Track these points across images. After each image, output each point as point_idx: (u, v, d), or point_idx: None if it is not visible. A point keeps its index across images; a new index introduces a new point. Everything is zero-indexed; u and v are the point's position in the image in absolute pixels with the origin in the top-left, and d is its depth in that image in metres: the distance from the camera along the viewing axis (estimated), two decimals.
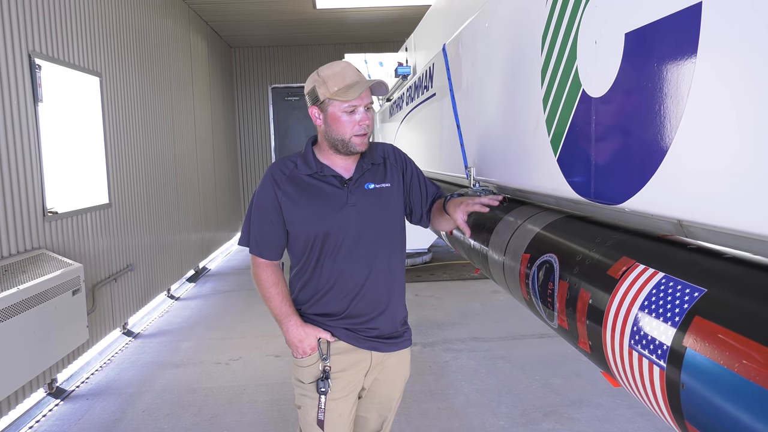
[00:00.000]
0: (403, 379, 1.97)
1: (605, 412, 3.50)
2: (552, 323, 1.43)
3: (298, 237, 1.80)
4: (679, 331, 0.87)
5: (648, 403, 1.00)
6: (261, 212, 1.81)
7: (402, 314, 1.91)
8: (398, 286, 1.88)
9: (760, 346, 0.73)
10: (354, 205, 1.76)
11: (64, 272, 3.64)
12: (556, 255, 1.41)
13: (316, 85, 1.73)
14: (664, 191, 0.99)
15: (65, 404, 3.85)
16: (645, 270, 1.04)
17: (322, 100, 1.71)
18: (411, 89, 4.05)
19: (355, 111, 1.70)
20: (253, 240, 1.84)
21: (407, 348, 1.94)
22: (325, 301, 1.81)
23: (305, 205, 1.77)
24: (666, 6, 0.91)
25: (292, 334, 1.80)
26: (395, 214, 1.86)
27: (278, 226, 1.80)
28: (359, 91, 1.67)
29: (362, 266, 1.78)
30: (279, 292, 1.83)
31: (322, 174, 1.78)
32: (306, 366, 1.81)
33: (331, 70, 1.73)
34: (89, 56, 4.67)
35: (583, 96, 1.22)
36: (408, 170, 1.92)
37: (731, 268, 0.92)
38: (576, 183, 1.30)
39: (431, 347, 4.73)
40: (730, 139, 0.85)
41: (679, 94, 0.90)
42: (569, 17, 1.25)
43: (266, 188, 1.80)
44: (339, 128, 1.72)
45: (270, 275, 1.83)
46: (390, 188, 1.84)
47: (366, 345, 1.82)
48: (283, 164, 1.83)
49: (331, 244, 1.76)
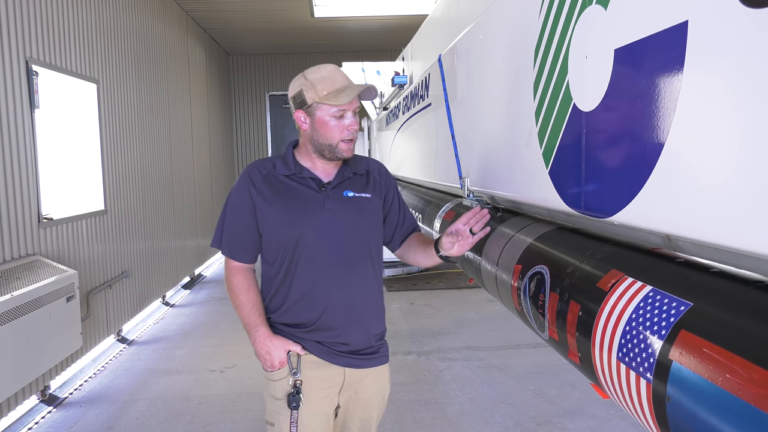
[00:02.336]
0: (382, 396, 1.88)
1: (599, 423, 3.50)
2: (543, 334, 1.44)
3: (271, 240, 1.73)
4: (666, 345, 0.88)
5: (635, 415, 1.01)
6: (235, 212, 1.76)
7: (377, 329, 1.83)
8: (374, 300, 1.80)
9: (743, 361, 0.74)
10: (330, 211, 1.70)
11: (58, 279, 3.63)
12: (547, 266, 1.42)
13: (303, 89, 1.67)
14: (652, 205, 1.00)
15: (58, 411, 3.83)
16: (633, 283, 1.05)
17: (309, 104, 1.66)
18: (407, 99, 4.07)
19: (344, 116, 1.66)
20: (226, 241, 1.77)
21: (385, 364, 1.86)
22: (296, 310, 1.73)
23: (279, 206, 1.70)
24: (654, 24, 0.92)
25: (259, 346, 1.73)
26: (373, 226, 1.79)
27: (252, 227, 1.74)
28: (351, 95, 1.63)
29: (336, 275, 1.71)
30: (249, 300, 1.75)
31: (300, 175, 1.73)
32: (276, 380, 1.74)
33: (319, 74, 1.68)
34: (86, 63, 4.68)
35: (574, 110, 1.24)
36: (391, 190, 1.87)
37: (717, 282, 0.93)
38: (567, 195, 1.31)
39: (426, 356, 4.73)
40: (716, 155, 0.86)
41: (666, 109, 0.91)
42: (561, 32, 1.27)
43: (241, 187, 1.74)
44: (327, 133, 1.67)
45: (242, 281, 1.76)
46: (370, 199, 1.77)
47: (339, 361, 1.74)
48: (262, 164, 1.77)
49: (304, 249, 1.69)
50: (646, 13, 0.95)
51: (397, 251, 1.93)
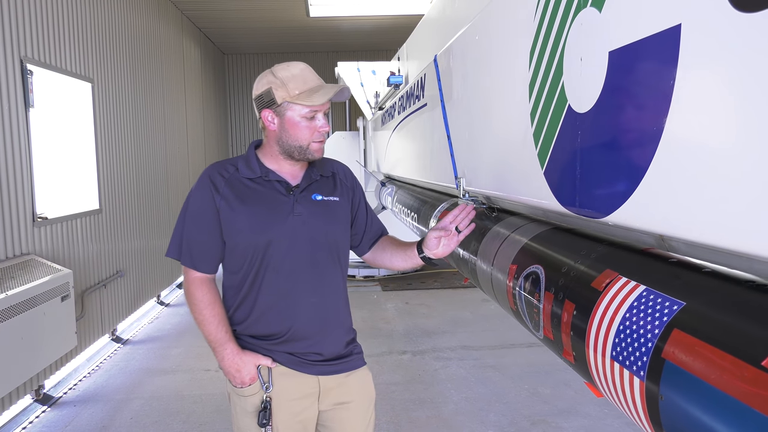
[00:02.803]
0: (368, 400, 1.80)
1: (593, 422, 3.52)
2: (538, 333, 1.45)
3: (236, 247, 1.64)
4: (659, 344, 0.90)
5: (629, 414, 1.02)
6: (196, 219, 1.65)
7: (348, 335, 1.76)
8: (343, 306, 1.75)
9: (734, 359, 0.75)
10: (299, 215, 1.62)
11: (53, 278, 3.62)
12: (542, 266, 1.43)
13: (272, 87, 1.58)
14: (646, 206, 1.01)
15: (52, 411, 3.82)
16: (627, 282, 1.07)
17: (279, 103, 1.58)
18: (403, 98, 4.08)
19: (315, 117, 1.60)
20: (186, 250, 1.66)
21: (363, 367, 1.79)
22: (264, 321, 1.65)
23: (246, 212, 1.61)
24: (647, 27, 0.93)
25: (228, 363, 1.63)
26: (341, 229, 1.73)
27: (216, 234, 1.64)
28: (326, 96, 1.56)
29: (307, 283, 1.64)
30: (215, 315, 1.65)
31: (266, 179, 1.64)
32: (247, 396, 1.66)
33: (290, 72, 1.59)
34: (81, 62, 4.67)
35: (568, 111, 1.25)
36: (357, 193, 1.82)
37: (710, 281, 0.94)
38: (562, 196, 1.33)
39: (421, 355, 4.74)
40: (709, 157, 0.88)
41: (659, 111, 0.92)
42: (556, 34, 1.28)
43: (203, 192, 1.64)
44: (297, 134, 1.59)
45: (205, 294, 1.65)
46: (339, 203, 1.72)
47: (311, 370, 1.67)
48: (222, 167, 1.68)
49: (273, 256, 1.61)
50: (640, 16, 0.96)
51: (367, 255, 1.87)
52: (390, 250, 1.82)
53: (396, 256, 1.80)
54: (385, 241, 1.87)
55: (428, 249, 1.70)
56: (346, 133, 8.38)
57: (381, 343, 5.07)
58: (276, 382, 1.65)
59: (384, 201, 5.49)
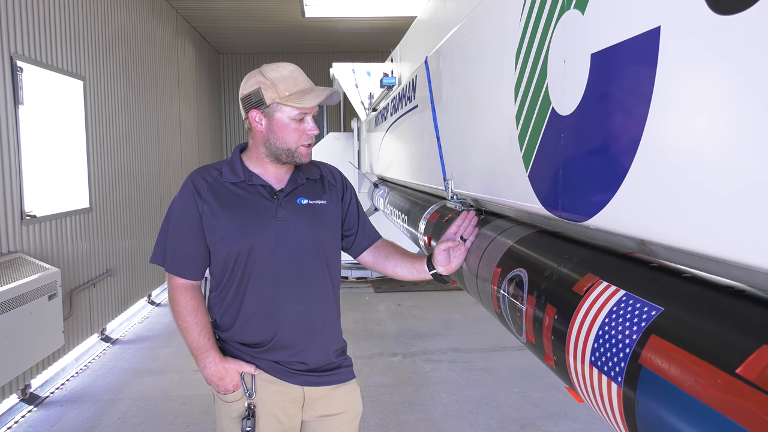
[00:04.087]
0: (353, 415, 1.76)
1: (582, 426, 3.52)
2: (521, 337, 1.45)
3: (220, 253, 1.61)
4: (636, 349, 0.89)
5: (607, 419, 1.01)
6: (180, 225, 1.63)
7: (337, 344, 1.73)
8: (332, 314, 1.70)
9: (708, 366, 0.74)
10: (284, 220, 1.59)
11: (40, 276, 3.60)
12: (526, 269, 1.42)
13: (261, 87, 1.55)
14: (626, 210, 1.00)
15: (39, 410, 3.79)
16: (608, 287, 1.06)
17: (268, 104, 1.55)
18: (396, 100, 4.07)
19: (304, 119, 1.57)
20: (170, 257, 1.65)
21: (351, 381, 1.75)
22: (249, 328, 1.63)
23: (228, 217, 1.59)
24: (627, 29, 0.93)
25: (210, 372, 1.62)
26: (330, 234, 1.69)
27: (199, 240, 1.62)
28: (318, 99, 1.54)
29: (292, 290, 1.60)
30: (198, 322, 1.63)
31: (249, 183, 1.62)
32: (231, 401, 1.64)
33: (280, 73, 1.56)
34: (73, 60, 4.64)
35: (552, 114, 1.24)
36: (347, 194, 1.78)
37: (688, 287, 0.93)
38: (545, 199, 1.32)
39: (412, 357, 4.73)
40: (689, 160, 0.87)
41: (638, 114, 0.91)
42: (540, 36, 1.27)
43: (186, 198, 1.62)
44: (286, 136, 1.56)
45: (189, 300, 1.63)
46: (326, 206, 1.68)
47: (296, 380, 1.65)
48: (206, 171, 1.65)
49: (257, 262, 1.58)
50: (621, 17, 0.95)
51: (366, 259, 1.84)
52: (394, 259, 1.79)
53: (401, 266, 1.77)
54: (388, 247, 1.83)
55: (439, 265, 1.68)
56: (341, 134, 8.36)
57: (372, 344, 5.06)
58: (260, 390, 1.64)
59: (376, 202, 5.48)
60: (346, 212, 1.77)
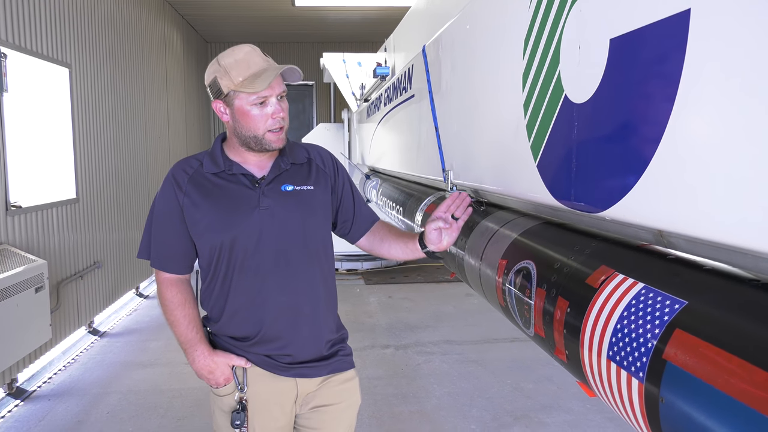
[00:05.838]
0: (349, 405, 1.71)
1: (575, 417, 3.52)
2: (528, 331, 1.42)
3: (204, 246, 1.57)
4: (660, 344, 0.86)
5: (625, 415, 0.99)
6: (161, 219, 1.60)
7: (330, 335, 1.66)
8: (324, 303, 1.64)
9: (741, 362, 0.72)
10: (267, 209, 1.53)
11: (26, 269, 3.52)
12: (534, 262, 1.39)
13: (217, 76, 1.48)
14: (646, 200, 0.97)
15: (26, 405, 3.72)
16: (624, 280, 1.03)
17: (226, 93, 1.48)
18: (389, 90, 4.02)
19: (266, 103, 1.47)
20: (154, 252, 1.62)
21: (349, 371, 1.69)
22: (235, 322, 1.59)
23: (209, 209, 1.54)
24: (653, 12, 0.89)
25: (199, 365, 1.58)
26: (319, 221, 1.62)
27: (182, 234, 1.58)
28: (267, 80, 1.43)
29: (277, 281, 1.55)
30: (185, 315, 1.60)
31: (230, 172, 1.56)
32: (223, 395, 1.61)
33: (233, 57, 1.47)
34: (59, 46, 4.53)
35: (565, 101, 1.21)
36: (339, 178, 1.69)
37: (712, 280, 0.91)
38: (556, 189, 1.29)
39: (404, 350, 4.71)
40: (714, 150, 0.84)
41: (663, 102, 0.88)
42: (553, 21, 1.24)
43: (166, 191, 1.58)
44: (250, 124, 1.48)
45: (175, 295, 1.60)
46: (313, 191, 1.60)
47: (288, 373, 1.60)
48: (187, 163, 1.60)
49: (240, 253, 1.53)
50: (644, 1, 0.92)
51: (362, 243, 1.76)
52: (389, 240, 1.71)
53: (395, 246, 1.69)
54: (382, 229, 1.75)
55: (431, 243, 1.59)
56: (331, 125, 8.30)
57: (364, 337, 5.03)
58: (253, 384, 1.59)
59: (369, 194, 5.44)
60: (340, 198, 1.69)
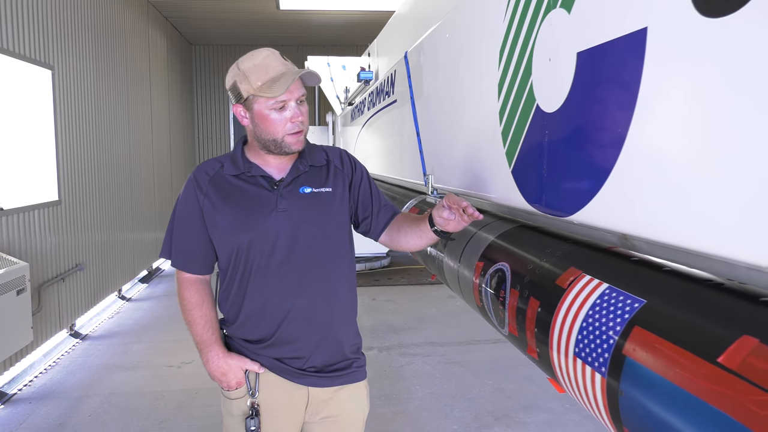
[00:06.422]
0: (359, 418, 1.69)
1: (555, 417, 3.59)
2: (503, 330, 1.47)
3: (222, 247, 1.58)
4: (620, 341, 0.91)
5: (590, 409, 1.04)
6: (182, 220, 1.61)
7: (350, 341, 1.65)
8: (343, 308, 1.62)
9: (692, 356, 0.77)
10: (285, 211, 1.53)
11: (7, 271, 3.50)
12: (508, 264, 1.45)
13: (237, 81, 1.50)
14: (610, 205, 1.03)
15: (6, 408, 3.70)
16: (591, 280, 1.08)
17: (245, 97, 1.50)
18: (373, 94, 4.07)
19: (285, 107, 1.48)
20: (175, 252, 1.63)
21: (361, 382, 1.67)
22: (252, 324, 1.58)
23: (228, 210, 1.55)
24: (615, 29, 0.95)
25: (213, 366, 1.59)
26: (338, 223, 1.61)
27: (201, 235, 1.59)
28: (285, 85, 1.45)
29: (295, 283, 1.55)
30: (202, 316, 1.60)
31: (249, 174, 1.57)
32: (234, 399, 1.61)
33: (252, 62, 1.49)
34: (41, 48, 4.51)
35: (537, 111, 1.26)
36: (356, 176, 1.67)
37: (670, 280, 0.96)
38: (529, 194, 1.34)
39: (387, 351, 4.75)
40: (672, 158, 0.90)
41: (624, 112, 0.94)
42: (525, 34, 1.29)
43: (188, 192, 1.59)
44: (269, 128, 1.50)
45: (193, 295, 1.61)
46: (331, 193, 1.60)
47: (301, 380, 1.59)
48: (209, 165, 1.62)
49: (257, 255, 1.54)
50: (608, 17, 0.98)
51: (383, 239, 1.71)
52: (405, 229, 1.65)
53: (411, 234, 1.62)
54: (399, 220, 1.69)
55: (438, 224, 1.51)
56: (315, 128, 8.33)
57: None
58: (264, 389, 1.59)
59: None
60: (358, 195, 1.66)
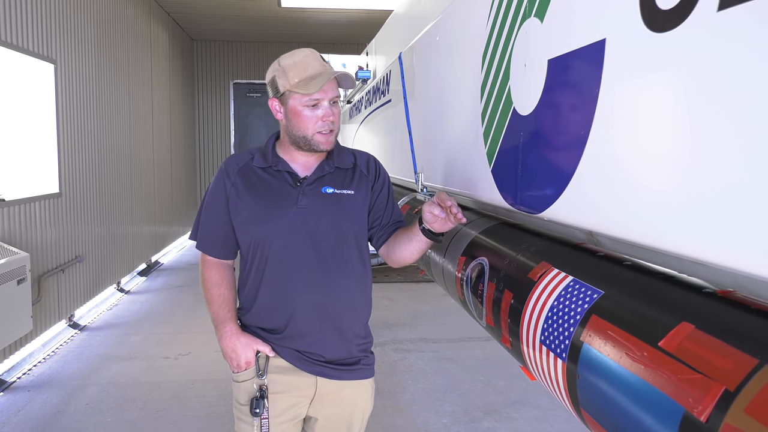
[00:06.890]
0: (362, 414, 1.72)
1: (543, 412, 3.66)
2: (481, 321, 1.54)
3: (242, 236, 1.62)
4: (579, 328, 0.99)
5: (554, 393, 1.11)
6: (210, 206, 1.66)
7: (359, 338, 1.67)
8: (356, 306, 1.65)
9: (636, 341, 0.84)
10: (304, 208, 1.56)
11: (8, 261, 3.57)
12: (487, 258, 1.52)
13: (276, 75, 1.55)
14: (575, 204, 1.10)
15: (5, 395, 3.77)
16: (558, 273, 1.16)
17: (282, 92, 1.54)
18: (370, 93, 4.14)
19: (318, 105, 1.52)
20: (201, 235, 1.68)
21: (368, 379, 1.71)
22: (264, 314, 1.63)
23: (250, 201, 1.59)
24: (579, 39, 1.02)
25: (225, 343, 1.63)
26: (355, 225, 1.63)
27: (225, 222, 1.63)
28: (320, 83, 1.48)
29: (308, 279, 1.57)
30: (220, 294, 1.66)
31: (276, 168, 1.60)
32: (241, 381, 1.63)
33: (293, 59, 1.54)
34: (44, 42, 4.58)
35: (513, 113, 1.33)
36: (378, 184, 1.68)
37: (628, 273, 1.04)
38: (506, 192, 1.41)
39: (381, 347, 4.82)
40: (628, 159, 0.97)
41: (585, 116, 1.01)
42: (504, 40, 1.36)
43: (218, 180, 1.65)
44: (300, 124, 1.54)
45: (214, 275, 1.66)
46: (353, 196, 1.62)
47: (311, 369, 1.61)
48: (241, 156, 1.67)
49: (273, 248, 1.57)
50: (574, 28, 1.05)
51: (382, 252, 1.75)
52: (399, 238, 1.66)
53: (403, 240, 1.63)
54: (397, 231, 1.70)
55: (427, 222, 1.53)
56: None
57: None
58: (272, 375, 1.62)
59: None
60: (374, 203, 1.68)
